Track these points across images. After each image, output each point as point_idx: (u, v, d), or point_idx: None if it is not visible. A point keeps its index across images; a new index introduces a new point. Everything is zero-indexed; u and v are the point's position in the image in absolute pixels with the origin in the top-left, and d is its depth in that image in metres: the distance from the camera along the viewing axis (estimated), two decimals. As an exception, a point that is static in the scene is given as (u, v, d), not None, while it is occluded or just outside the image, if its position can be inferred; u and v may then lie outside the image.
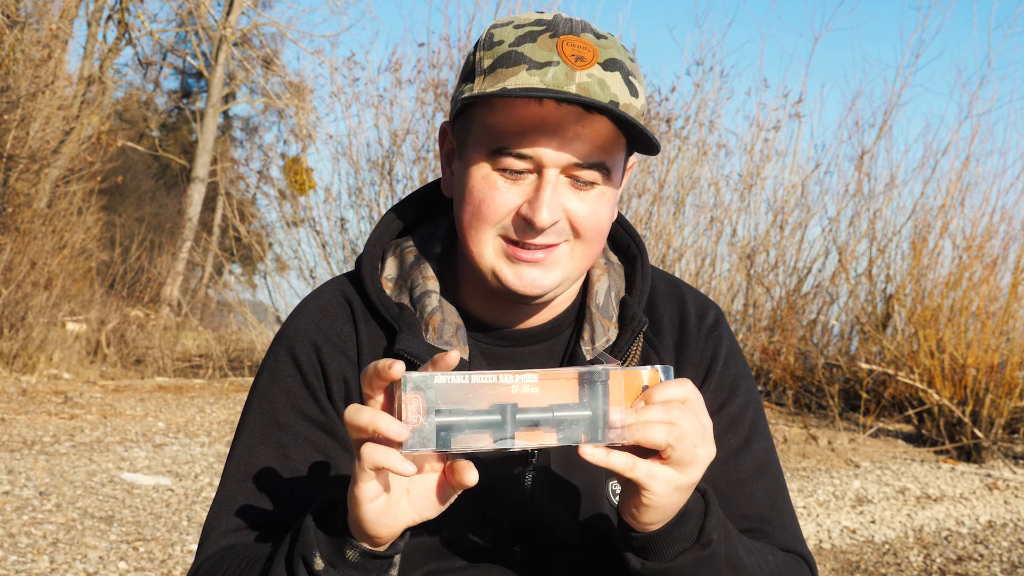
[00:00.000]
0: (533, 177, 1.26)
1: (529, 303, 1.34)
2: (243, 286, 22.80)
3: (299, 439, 1.34)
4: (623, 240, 1.46)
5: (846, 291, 9.66)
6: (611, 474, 1.36)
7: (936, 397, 7.35)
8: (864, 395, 8.35)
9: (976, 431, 7.19)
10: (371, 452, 1.04)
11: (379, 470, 1.05)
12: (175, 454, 6.03)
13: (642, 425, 1.07)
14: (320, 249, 10.09)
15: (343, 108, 10.08)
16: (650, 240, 9.57)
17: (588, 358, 1.36)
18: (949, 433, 7.41)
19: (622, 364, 1.32)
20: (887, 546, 4.87)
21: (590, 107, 1.21)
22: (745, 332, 9.78)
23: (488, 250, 1.29)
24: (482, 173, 1.27)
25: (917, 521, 5.37)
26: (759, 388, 9.32)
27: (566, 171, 1.25)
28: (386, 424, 1.03)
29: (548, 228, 1.26)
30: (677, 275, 9.59)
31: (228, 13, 21.00)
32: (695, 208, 10.07)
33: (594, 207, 1.28)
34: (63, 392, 8.38)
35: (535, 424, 1.06)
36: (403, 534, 1.14)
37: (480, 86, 1.25)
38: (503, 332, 1.38)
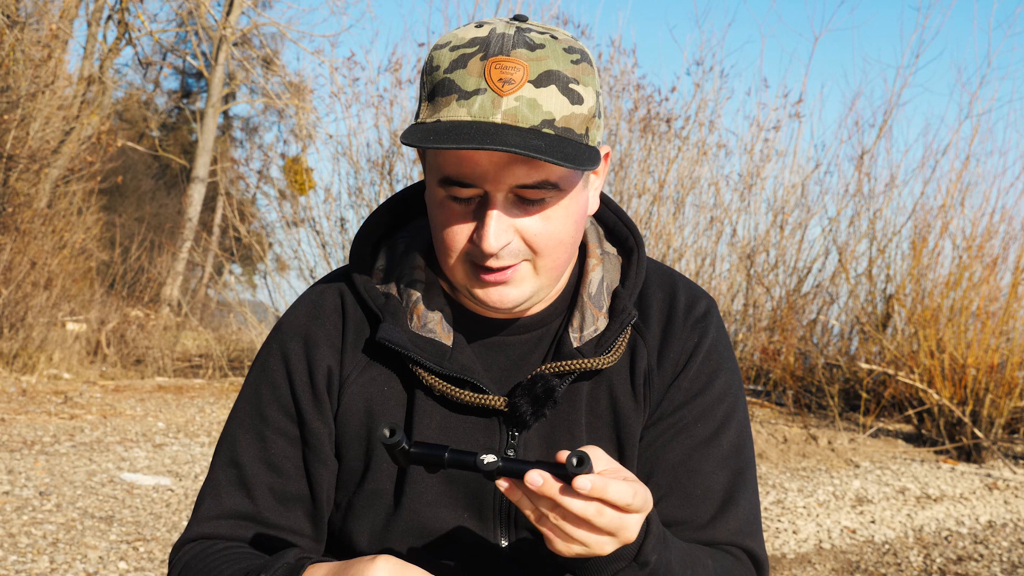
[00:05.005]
0: (480, 202, 1.26)
1: (505, 316, 1.36)
2: (243, 286, 22.81)
3: (278, 433, 1.39)
4: (621, 233, 1.46)
5: (846, 291, 9.67)
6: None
7: (936, 397, 7.35)
8: (864, 395, 8.35)
9: (976, 431, 7.19)
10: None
11: None
12: (175, 454, 6.03)
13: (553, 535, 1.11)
14: (320, 249, 10.09)
15: (343, 108, 10.09)
16: (650, 240, 9.57)
17: (575, 346, 1.36)
18: (949, 433, 7.41)
19: (607, 353, 1.35)
20: (887, 546, 4.87)
21: (492, 149, 1.18)
22: (745, 332, 9.78)
23: (459, 274, 1.31)
24: (439, 198, 1.28)
25: (917, 521, 5.37)
26: (759, 388, 9.32)
27: (512, 192, 1.25)
28: None
29: (499, 252, 1.26)
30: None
31: (228, 13, 21.00)
32: (695, 208, 10.08)
33: (546, 224, 1.27)
34: (63, 392, 8.38)
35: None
36: None
37: (423, 114, 1.26)
38: (492, 321, 1.40)
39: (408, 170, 9.73)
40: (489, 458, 1.10)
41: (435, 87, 1.25)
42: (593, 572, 1.17)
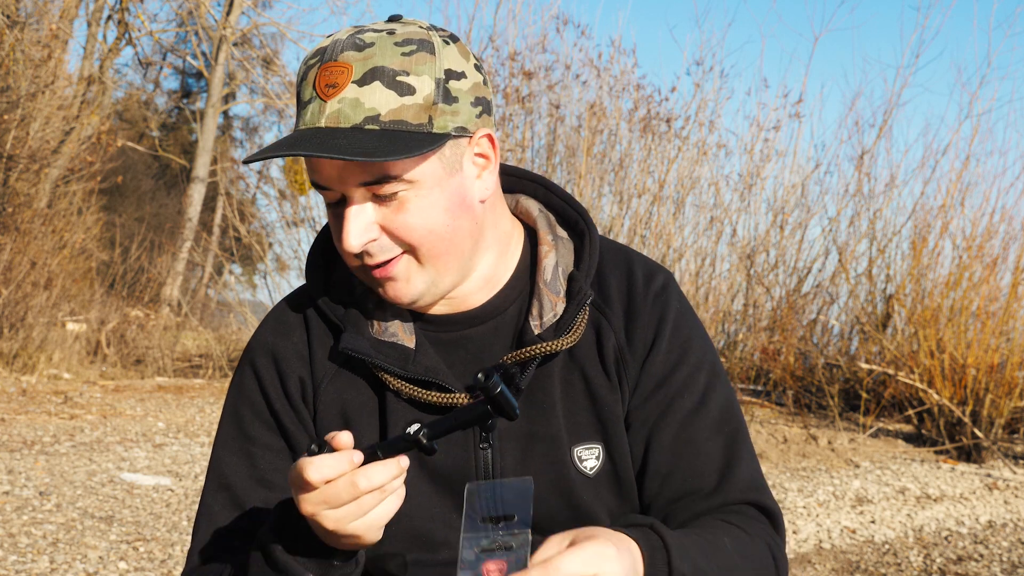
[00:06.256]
0: (345, 203, 1.31)
1: (421, 308, 1.39)
2: (243, 286, 22.79)
3: (264, 448, 1.42)
4: (571, 216, 1.47)
5: (846, 291, 9.67)
6: (574, 439, 1.38)
7: (936, 397, 7.35)
8: (864, 395, 8.35)
9: (976, 431, 7.19)
10: (368, 477, 1.13)
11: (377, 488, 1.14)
12: (175, 454, 6.03)
13: None
14: (320, 249, 10.08)
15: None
16: (650, 240, 9.57)
17: (536, 333, 1.37)
18: (949, 433, 7.41)
19: (567, 334, 1.35)
20: (887, 546, 4.87)
21: (299, 155, 1.24)
22: (745, 332, 9.79)
23: (360, 274, 1.36)
24: (326, 206, 1.35)
25: (917, 521, 5.37)
26: (759, 388, 9.32)
27: (365, 191, 1.28)
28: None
29: (368, 247, 1.30)
30: (677, 275, 9.60)
31: (228, 13, 21.00)
32: (695, 208, 10.08)
33: (407, 215, 1.29)
34: (63, 392, 8.38)
35: (443, 434, 1.18)
36: None
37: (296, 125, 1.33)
38: (446, 317, 1.41)
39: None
40: (413, 427, 1.15)
41: (297, 97, 1.32)
42: None
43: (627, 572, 1.10)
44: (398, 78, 1.25)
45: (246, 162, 1.26)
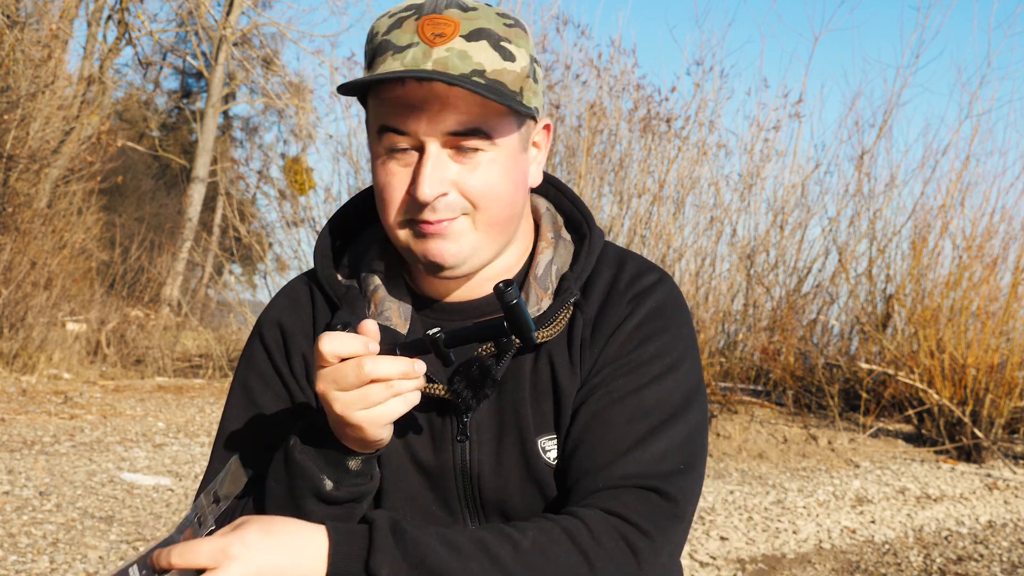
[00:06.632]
0: (416, 154, 1.30)
1: (451, 276, 1.37)
2: (243, 286, 22.80)
3: (273, 418, 1.44)
4: (576, 220, 1.48)
5: (846, 291, 9.66)
6: (539, 430, 1.37)
7: (936, 397, 7.35)
8: (864, 395, 8.34)
9: (976, 431, 7.19)
10: (375, 364, 1.16)
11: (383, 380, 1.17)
12: (175, 454, 6.03)
13: None
14: (320, 249, 10.08)
15: (343, 108, 10.10)
16: (650, 240, 9.57)
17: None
18: (949, 433, 7.41)
19: (546, 327, 1.36)
20: (887, 546, 4.87)
21: (422, 79, 1.25)
22: (745, 332, 9.78)
23: (402, 233, 1.34)
24: (380, 161, 1.32)
25: (917, 521, 5.36)
26: (759, 388, 9.32)
27: (447, 143, 1.29)
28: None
29: (434, 202, 1.29)
30: (676, 275, 9.61)
31: (228, 13, 20.99)
32: (695, 208, 10.07)
33: (483, 175, 1.30)
34: (63, 392, 8.38)
35: (461, 342, 1.22)
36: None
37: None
38: (446, 305, 1.42)
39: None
40: (433, 331, 1.20)
41: (374, 50, 1.31)
42: None
43: (272, 561, 1.13)
44: (502, 43, 1.29)
45: (343, 90, 1.27)
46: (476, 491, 1.39)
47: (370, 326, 1.18)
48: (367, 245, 1.47)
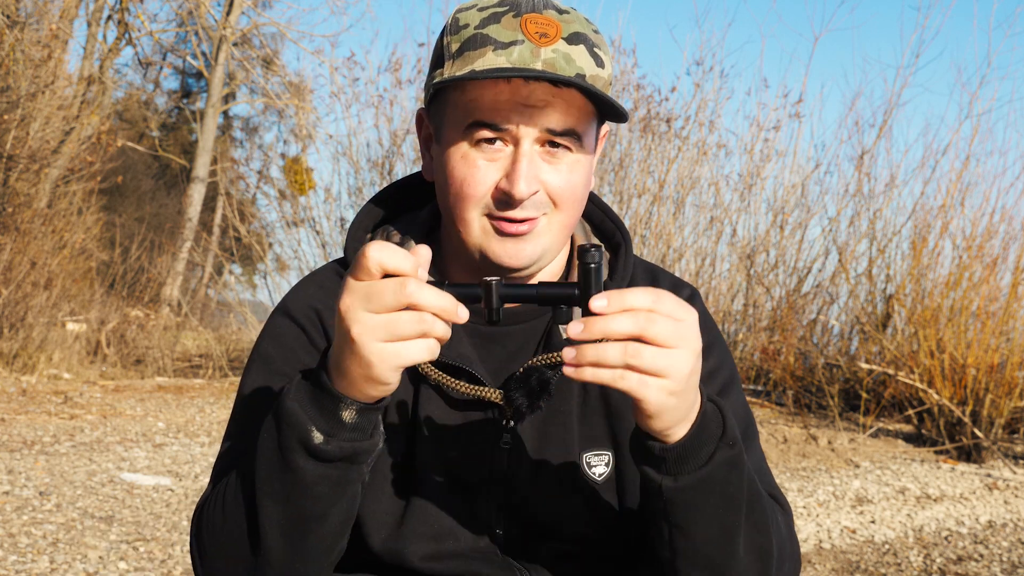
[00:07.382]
0: (509, 150, 1.29)
1: (514, 279, 1.36)
2: (243, 286, 22.81)
3: None
4: (608, 228, 1.48)
5: (846, 291, 9.66)
6: (586, 445, 1.37)
7: (936, 397, 7.35)
8: (864, 395, 8.35)
9: (976, 431, 7.19)
10: (419, 288, 1.04)
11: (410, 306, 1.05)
12: (175, 454, 6.03)
13: (608, 320, 1.05)
14: (320, 249, 10.10)
15: (343, 108, 10.11)
16: (650, 240, 9.57)
17: (564, 336, 1.36)
18: (949, 433, 7.41)
19: None
20: (887, 546, 4.87)
21: (556, 82, 1.25)
22: (745, 332, 9.78)
23: (475, 229, 1.32)
24: (460, 152, 1.30)
25: (917, 521, 5.36)
26: (759, 388, 9.32)
27: (540, 141, 1.29)
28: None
29: (527, 200, 1.29)
30: (677, 275, 9.58)
31: (228, 13, 21.00)
32: (695, 208, 10.08)
33: (569, 176, 1.31)
34: (63, 392, 8.38)
35: (516, 299, 1.10)
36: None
37: (450, 70, 1.29)
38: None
39: (408, 170, 9.73)
40: (491, 279, 1.10)
41: (464, 43, 1.28)
42: (688, 461, 1.14)
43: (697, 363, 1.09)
44: (595, 49, 1.30)
45: (463, 78, 1.23)
46: (508, 497, 1.37)
47: (424, 252, 1.07)
48: (401, 240, 1.44)
